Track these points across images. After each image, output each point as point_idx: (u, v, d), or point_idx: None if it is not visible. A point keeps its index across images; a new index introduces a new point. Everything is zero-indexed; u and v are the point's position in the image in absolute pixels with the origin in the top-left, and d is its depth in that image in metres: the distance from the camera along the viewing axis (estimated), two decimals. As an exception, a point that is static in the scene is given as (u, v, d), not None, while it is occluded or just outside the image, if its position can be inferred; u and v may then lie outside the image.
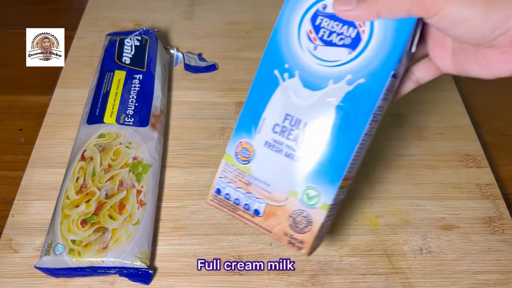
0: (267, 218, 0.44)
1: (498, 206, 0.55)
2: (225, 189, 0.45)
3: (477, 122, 0.65)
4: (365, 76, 0.39)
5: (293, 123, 0.42)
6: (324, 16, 0.39)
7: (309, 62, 0.40)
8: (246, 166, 0.44)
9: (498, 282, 0.49)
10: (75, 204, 0.50)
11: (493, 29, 0.32)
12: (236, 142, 0.44)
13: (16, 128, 0.63)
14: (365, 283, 0.48)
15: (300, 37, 0.40)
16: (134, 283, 0.47)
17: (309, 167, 0.42)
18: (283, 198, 0.43)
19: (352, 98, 0.40)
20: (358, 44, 0.39)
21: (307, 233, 0.43)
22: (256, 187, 0.44)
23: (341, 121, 0.40)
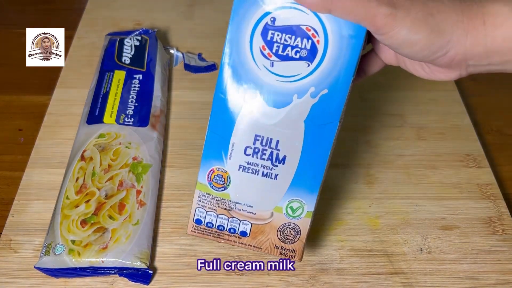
0: (255, 237, 0.44)
1: (498, 206, 0.55)
2: (206, 218, 0.44)
3: (478, 122, 0.65)
4: (328, 87, 0.39)
5: (264, 143, 0.41)
6: (275, 29, 0.37)
7: (268, 79, 0.39)
8: (224, 192, 0.43)
9: (499, 282, 0.49)
10: (75, 204, 0.50)
11: (434, 52, 0.35)
12: (207, 170, 0.43)
13: (15, 128, 0.63)
14: (365, 283, 0.48)
15: (253, 54, 0.38)
16: (134, 283, 0.47)
17: (288, 182, 0.42)
18: (268, 216, 0.43)
19: (318, 110, 0.39)
20: (315, 56, 0.38)
21: (296, 242, 0.44)
22: (239, 211, 0.43)
23: (312, 133, 0.40)
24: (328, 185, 0.56)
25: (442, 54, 0.35)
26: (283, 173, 0.42)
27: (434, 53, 0.35)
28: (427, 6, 0.34)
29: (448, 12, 0.34)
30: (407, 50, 0.35)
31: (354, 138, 0.62)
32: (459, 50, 0.35)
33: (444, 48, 0.35)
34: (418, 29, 0.34)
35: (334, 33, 0.37)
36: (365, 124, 0.64)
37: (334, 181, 0.57)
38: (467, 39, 0.35)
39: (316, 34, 0.37)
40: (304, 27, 0.37)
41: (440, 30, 0.34)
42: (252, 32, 0.38)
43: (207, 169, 0.43)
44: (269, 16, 0.37)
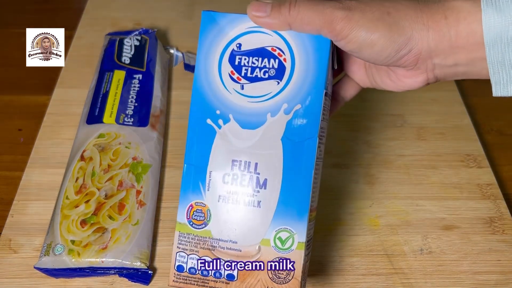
0: (243, 280, 0.40)
1: (498, 206, 0.55)
2: (188, 263, 0.41)
3: (478, 122, 0.65)
4: (300, 102, 0.39)
5: (242, 168, 0.39)
6: (242, 54, 0.39)
7: (240, 102, 0.39)
8: (205, 229, 0.40)
9: (499, 282, 0.49)
10: (75, 204, 0.50)
11: (397, 50, 0.35)
12: (186, 207, 0.40)
13: (15, 128, 0.63)
14: (365, 284, 0.48)
15: (223, 80, 0.39)
16: (134, 284, 0.47)
17: (273, 208, 0.39)
18: (255, 252, 0.39)
19: (294, 126, 0.39)
20: (284, 73, 0.39)
21: (291, 281, 0.39)
22: (223, 249, 0.40)
23: (291, 151, 0.39)
24: (328, 185, 0.56)
25: (406, 53, 0.35)
26: (266, 198, 0.39)
27: (397, 52, 0.35)
28: (384, 6, 0.35)
29: (406, 10, 0.35)
30: (368, 51, 0.35)
31: (354, 138, 0.62)
32: (422, 46, 0.34)
33: (407, 45, 0.34)
34: (375, 28, 0.34)
35: (299, 49, 0.38)
36: (365, 124, 0.63)
37: (334, 181, 0.57)
38: (429, 34, 0.34)
39: (282, 53, 0.38)
40: (269, 48, 0.39)
41: (399, 27, 0.34)
42: (220, 59, 0.39)
43: (185, 206, 0.40)
44: (235, 42, 0.39)
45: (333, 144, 0.61)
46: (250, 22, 0.38)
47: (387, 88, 0.41)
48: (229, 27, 0.39)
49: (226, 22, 0.39)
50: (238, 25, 0.39)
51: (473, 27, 0.33)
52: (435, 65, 0.36)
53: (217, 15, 0.39)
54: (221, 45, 0.39)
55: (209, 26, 0.39)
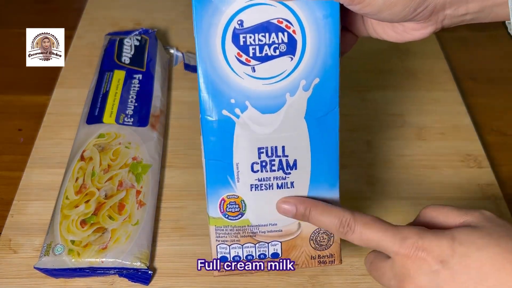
0: (288, 255, 0.41)
1: (499, 207, 0.55)
2: (231, 253, 0.41)
3: (478, 122, 0.65)
4: (318, 75, 0.36)
5: (270, 154, 0.38)
6: (245, 32, 0.35)
7: (255, 86, 0.36)
8: (242, 219, 0.40)
9: (499, 282, 0.49)
10: (75, 204, 0.50)
11: (415, 9, 0.33)
12: (217, 201, 0.39)
13: (15, 128, 0.63)
14: (365, 284, 0.48)
15: (231, 65, 0.35)
16: (134, 284, 0.47)
17: (306, 185, 0.39)
18: (296, 228, 0.40)
19: (315, 102, 0.37)
20: (296, 47, 0.35)
21: (332, 245, 0.41)
22: (264, 233, 0.40)
23: (315, 127, 0.38)
24: (328, 185, 0.56)
25: (422, 9, 0.33)
26: (299, 178, 0.39)
27: (415, 10, 0.33)
28: None
29: None
30: (386, 13, 0.33)
31: (354, 138, 0.62)
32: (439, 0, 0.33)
33: (425, 2, 0.33)
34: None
35: (308, 18, 0.35)
36: (366, 124, 0.63)
37: (334, 181, 0.57)
38: None
39: (290, 25, 0.35)
40: (275, 21, 0.35)
41: None
42: (222, 41, 0.35)
43: (216, 200, 0.39)
44: (235, 19, 0.34)
45: (333, 144, 0.61)
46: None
47: (389, 39, 0.39)
48: (225, 3, 0.34)
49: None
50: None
51: None
52: (445, 15, 0.35)
53: None
54: (220, 25, 0.35)
55: (201, 5, 0.34)
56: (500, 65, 0.74)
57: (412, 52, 0.73)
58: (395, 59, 0.73)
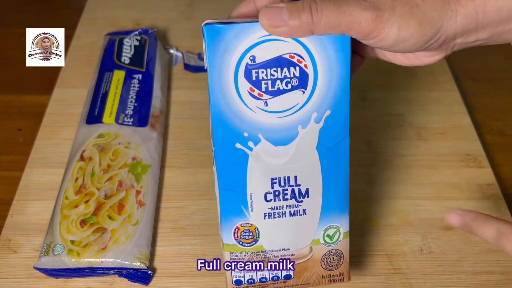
0: (300, 276, 0.42)
1: (499, 207, 0.55)
2: (245, 276, 0.42)
3: (478, 122, 0.65)
4: (329, 107, 0.37)
5: (283, 184, 0.39)
6: (258, 67, 0.35)
7: (267, 120, 0.36)
8: (256, 246, 0.41)
9: (499, 282, 0.49)
10: (74, 204, 0.50)
11: (427, 42, 0.34)
12: (232, 229, 0.40)
13: (15, 128, 0.63)
14: (365, 284, 0.48)
15: (243, 100, 0.36)
16: (134, 284, 0.47)
17: (318, 212, 0.40)
18: (308, 252, 0.42)
19: (327, 132, 0.38)
20: (307, 81, 0.36)
21: (342, 265, 0.43)
22: (277, 257, 0.42)
23: (327, 156, 0.39)
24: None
25: (434, 41, 0.34)
26: (311, 205, 0.40)
27: (426, 43, 0.34)
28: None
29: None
30: (400, 47, 0.34)
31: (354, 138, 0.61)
32: (450, 32, 0.34)
33: (437, 35, 0.34)
34: (407, 25, 0.33)
35: (319, 52, 0.35)
36: (366, 124, 0.63)
37: (334, 181, 0.57)
38: (457, 20, 0.34)
39: (301, 59, 0.35)
40: (287, 55, 0.35)
41: (429, 19, 0.33)
42: (235, 77, 0.35)
43: (231, 229, 0.40)
44: (247, 55, 0.34)
45: (333, 144, 0.61)
46: (261, 30, 0.33)
47: (398, 63, 0.39)
48: (237, 40, 0.34)
49: (234, 34, 0.34)
50: (248, 35, 0.34)
51: (500, 3, 0.33)
52: (455, 43, 0.35)
53: (221, 28, 0.34)
54: (233, 61, 0.35)
55: (214, 42, 0.34)
56: (500, 65, 0.74)
57: (412, 52, 0.73)
58: (395, 59, 0.73)
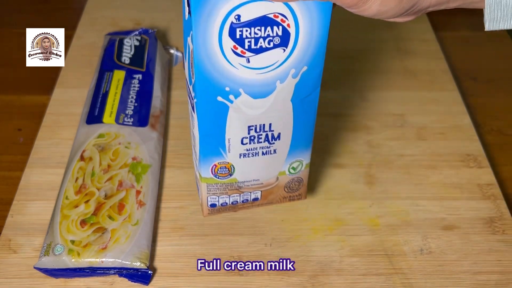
0: (266, 198, 0.49)
1: (499, 206, 0.55)
2: (219, 201, 0.48)
3: (478, 122, 0.65)
4: (306, 64, 0.39)
5: (258, 130, 0.42)
6: (242, 26, 0.36)
7: (249, 75, 0.38)
8: (230, 178, 0.46)
9: (499, 282, 0.49)
10: (74, 204, 0.50)
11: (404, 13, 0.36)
12: (209, 167, 0.44)
13: (15, 128, 0.63)
14: (365, 284, 0.48)
15: (227, 57, 0.37)
16: (134, 284, 0.47)
17: (286, 151, 0.45)
18: (274, 181, 0.48)
19: (301, 86, 0.40)
20: (289, 39, 0.37)
21: (301, 188, 0.50)
22: (248, 186, 0.47)
23: (299, 107, 0.42)
24: (328, 185, 0.56)
25: (410, 12, 0.36)
26: (281, 146, 0.44)
27: (403, 14, 0.36)
28: None
29: None
30: (379, 16, 0.36)
31: (354, 138, 0.62)
32: (425, 5, 0.36)
33: (413, 7, 0.35)
34: (388, 1, 0.35)
35: (302, 13, 0.36)
36: (366, 124, 0.63)
37: (335, 181, 0.57)
38: None
39: (285, 19, 0.36)
40: (271, 15, 0.36)
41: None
42: (219, 36, 0.36)
43: (209, 166, 0.44)
44: (233, 14, 0.35)
45: (333, 144, 0.61)
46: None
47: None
48: (223, 1, 0.35)
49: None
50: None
51: None
52: (428, 10, 0.37)
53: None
54: (218, 20, 0.35)
55: (199, 6, 0.35)
56: (500, 65, 0.74)
57: (412, 52, 0.73)
58: (395, 59, 0.73)
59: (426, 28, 0.77)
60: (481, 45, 0.77)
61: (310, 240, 0.51)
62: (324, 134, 0.61)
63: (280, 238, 0.51)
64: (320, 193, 0.56)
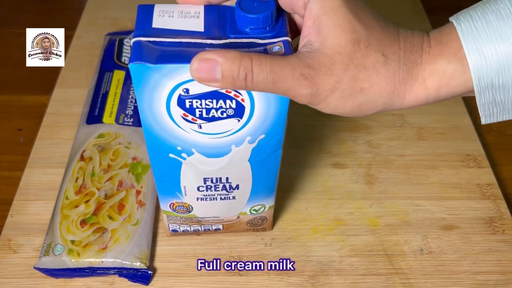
0: (228, 229, 0.49)
1: (498, 206, 0.55)
2: (181, 228, 0.48)
3: (478, 122, 0.65)
4: (264, 132, 0.37)
5: (214, 181, 0.41)
6: (191, 98, 0.34)
7: (201, 139, 0.37)
8: (189, 214, 0.46)
9: (499, 282, 0.49)
10: (74, 204, 0.50)
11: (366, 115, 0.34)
12: (167, 204, 0.44)
13: (15, 128, 0.63)
14: (365, 284, 0.48)
15: (177, 123, 0.35)
16: (134, 284, 0.47)
17: (246, 199, 0.44)
18: (235, 218, 0.47)
19: (259, 150, 0.38)
20: (244, 112, 0.35)
21: (265, 223, 0.49)
22: (208, 221, 0.47)
23: (258, 165, 0.40)
24: (328, 185, 0.56)
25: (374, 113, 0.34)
26: (240, 194, 0.43)
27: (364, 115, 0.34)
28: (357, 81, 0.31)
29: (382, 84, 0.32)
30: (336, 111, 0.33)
31: (354, 138, 0.62)
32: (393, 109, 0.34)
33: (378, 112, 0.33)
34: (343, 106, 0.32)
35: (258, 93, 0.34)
36: (365, 124, 0.63)
37: (334, 181, 0.57)
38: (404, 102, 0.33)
39: (238, 94, 0.34)
40: (223, 91, 0.34)
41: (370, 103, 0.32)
42: (167, 105, 0.34)
43: (167, 203, 0.44)
44: (180, 88, 0.33)
45: (333, 144, 0.61)
46: None
47: None
48: (168, 78, 0.32)
49: (163, 74, 0.32)
50: (179, 75, 0.32)
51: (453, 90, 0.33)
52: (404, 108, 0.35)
53: (149, 69, 0.32)
54: (164, 93, 0.33)
55: (143, 79, 0.32)
56: (500, 65, 0.74)
57: (412, 52, 0.73)
58: (395, 59, 0.72)
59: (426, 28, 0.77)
60: (481, 45, 0.77)
61: (310, 240, 0.51)
62: (324, 134, 0.61)
63: (280, 238, 0.51)
64: (320, 193, 0.56)
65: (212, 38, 0.33)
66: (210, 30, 0.34)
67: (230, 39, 0.33)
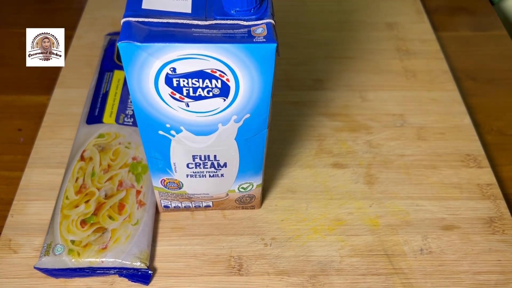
0: (218, 205, 0.51)
1: (498, 206, 0.55)
2: (172, 203, 0.50)
3: (478, 122, 0.65)
4: (250, 111, 0.39)
5: (203, 158, 0.43)
6: (179, 77, 0.35)
7: (189, 117, 0.38)
8: (180, 191, 0.47)
9: (499, 282, 0.49)
10: (75, 204, 0.50)
11: None
12: (159, 180, 0.46)
13: (15, 128, 0.63)
14: (365, 284, 0.48)
15: (165, 100, 0.37)
16: (134, 284, 0.47)
17: (234, 176, 0.46)
18: (224, 195, 0.49)
19: (245, 129, 0.40)
20: (229, 92, 0.37)
21: (254, 201, 0.51)
22: (198, 197, 0.49)
23: (245, 143, 0.42)
24: (328, 185, 0.56)
25: None
26: (228, 171, 0.45)
27: None
28: None
29: None
30: None
31: (354, 138, 0.62)
32: None
33: None
34: None
35: (242, 72, 0.36)
36: (365, 124, 0.63)
37: (334, 181, 0.57)
38: None
39: (223, 74, 0.36)
40: (209, 70, 0.35)
41: None
42: (155, 83, 0.36)
43: (158, 179, 0.46)
44: (168, 67, 0.35)
45: (333, 144, 0.61)
46: (181, 50, 0.33)
47: None
48: (155, 57, 0.34)
49: (150, 52, 0.34)
50: (166, 54, 0.34)
51: None
52: None
53: (137, 48, 0.33)
54: (152, 72, 0.35)
55: (132, 57, 0.34)
56: (500, 65, 0.74)
57: (412, 52, 0.73)
58: (395, 59, 0.73)
59: (426, 28, 0.77)
60: (481, 45, 0.77)
61: (310, 240, 0.51)
62: (324, 134, 0.61)
63: (280, 238, 0.51)
64: (320, 193, 0.56)
65: (198, 19, 0.35)
66: (197, 11, 0.35)
67: (215, 20, 0.35)
